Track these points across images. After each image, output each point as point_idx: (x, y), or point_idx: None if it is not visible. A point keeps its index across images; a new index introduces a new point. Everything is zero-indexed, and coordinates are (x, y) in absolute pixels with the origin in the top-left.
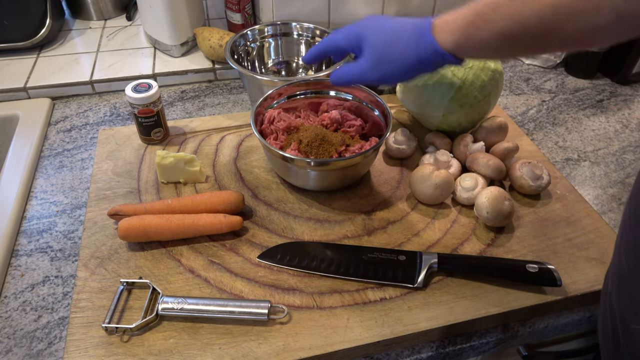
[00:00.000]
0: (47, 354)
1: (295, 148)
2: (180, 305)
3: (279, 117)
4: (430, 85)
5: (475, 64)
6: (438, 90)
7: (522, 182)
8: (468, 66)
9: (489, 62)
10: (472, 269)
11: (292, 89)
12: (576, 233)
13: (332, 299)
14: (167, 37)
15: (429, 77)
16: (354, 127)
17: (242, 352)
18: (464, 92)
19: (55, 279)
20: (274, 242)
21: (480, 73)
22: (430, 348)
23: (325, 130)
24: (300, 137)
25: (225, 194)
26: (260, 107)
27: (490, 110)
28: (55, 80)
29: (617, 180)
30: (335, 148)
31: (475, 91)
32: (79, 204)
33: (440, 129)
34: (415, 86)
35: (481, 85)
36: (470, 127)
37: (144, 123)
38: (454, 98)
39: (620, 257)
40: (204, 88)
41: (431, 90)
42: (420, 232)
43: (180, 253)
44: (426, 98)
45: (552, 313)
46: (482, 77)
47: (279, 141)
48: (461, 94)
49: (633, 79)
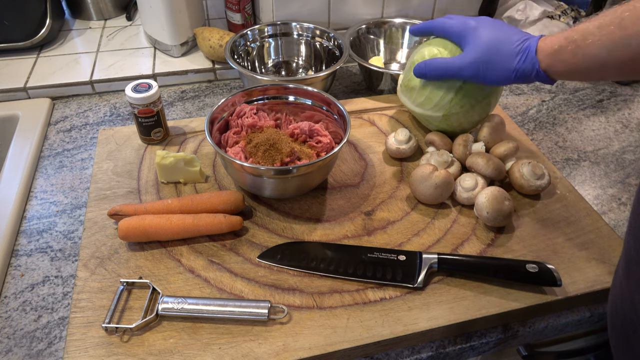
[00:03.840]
0: (47, 354)
1: (242, 147)
2: (180, 305)
3: (249, 113)
4: (431, 86)
5: None
6: (439, 91)
7: (522, 182)
8: None
9: None
10: (472, 269)
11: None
12: (576, 233)
13: (332, 299)
14: (167, 37)
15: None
16: (322, 143)
17: (242, 352)
18: (465, 93)
19: (55, 279)
20: (274, 242)
21: None
22: (430, 348)
23: (282, 137)
24: (253, 137)
25: (225, 194)
26: (223, 105)
27: (490, 110)
28: (55, 80)
29: (617, 180)
30: (281, 157)
31: (476, 92)
32: (79, 204)
33: (440, 129)
34: (415, 87)
35: (482, 86)
36: (471, 127)
37: (144, 123)
38: (454, 99)
39: (629, 241)
40: (204, 88)
41: (432, 91)
42: (420, 232)
43: (180, 253)
44: (427, 99)
45: (552, 313)
46: None
47: (239, 137)
48: (462, 95)
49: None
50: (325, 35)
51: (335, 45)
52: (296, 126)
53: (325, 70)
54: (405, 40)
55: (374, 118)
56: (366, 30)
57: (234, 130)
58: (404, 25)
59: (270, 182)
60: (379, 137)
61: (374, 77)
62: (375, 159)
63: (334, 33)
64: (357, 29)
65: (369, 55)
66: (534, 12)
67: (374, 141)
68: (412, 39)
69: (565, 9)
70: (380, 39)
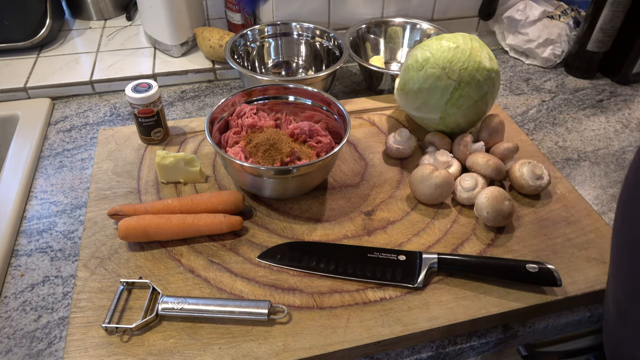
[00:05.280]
0: (47, 354)
1: (242, 147)
2: (180, 305)
3: (249, 113)
4: (426, 88)
5: (470, 64)
6: (434, 94)
7: (522, 182)
8: (463, 67)
9: (483, 62)
10: (472, 269)
11: (254, 92)
12: (576, 233)
13: (332, 299)
14: (167, 37)
15: (423, 80)
16: (322, 143)
17: (242, 352)
18: (460, 93)
19: (55, 279)
20: (274, 242)
21: (476, 73)
22: (430, 348)
23: (282, 137)
24: (253, 137)
25: (225, 194)
26: (223, 105)
27: (488, 109)
28: (55, 80)
29: (617, 180)
30: (281, 157)
31: (472, 92)
32: (79, 204)
33: (438, 129)
34: (411, 90)
35: (477, 85)
36: (469, 126)
37: (144, 123)
38: (450, 100)
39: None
40: (204, 88)
41: (427, 93)
42: (420, 232)
43: (180, 253)
44: (423, 101)
45: (552, 313)
46: (478, 77)
47: (239, 137)
48: (457, 96)
49: (633, 79)
50: (325, 35)
51: (335, 45)
52: (296, 126)
53: (325, 70)
54: (405, 40)
55: (374, 118)
56: (366, 30)
57: (234, 130)
58: (404, 25)
59: (270, 182)
60: (379, 137)
61: (374, 77)
62: (375, 159)
63: (334, 33)
64: (357, 29)
65: (369, 55)
66: (534, 12)
67: (374, 141)
68: (412, 39)
69: (565, 9)
70: (380, 38)
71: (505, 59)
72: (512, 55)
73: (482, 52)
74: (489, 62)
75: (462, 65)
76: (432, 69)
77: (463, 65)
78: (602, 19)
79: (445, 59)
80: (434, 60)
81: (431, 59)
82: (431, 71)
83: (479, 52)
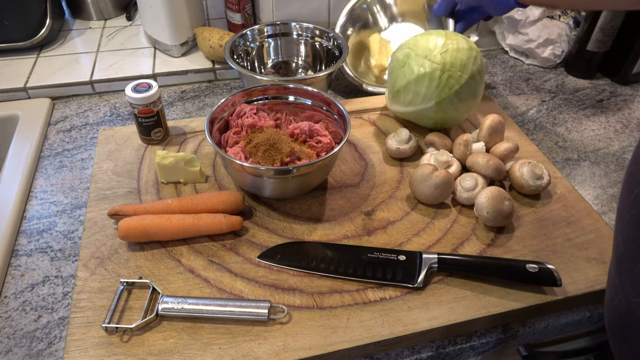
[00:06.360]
0: (47, 354)
1: (242, 147)
2: (180, 305)
3: (249, 113)
4: (414, 79)
5: (449, 46)
6: (422, 81)
7: (522, 182)
8: (443, 51)
9: (461, 43)
10: (472, 269)
11: (254, 92)
12: (576, 233)
13: (332, 299)
14: (167, 37)
15: (409, 72)
16: (322, 143)
17: (242, 352)
18: (448, 74)
19: (55, 279)
20: (274, 242)
21: (457, 54)
22: (430, 348)
23: (282, 137)
24: (253, 137)
25: (225, 194)
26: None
27: (481, 90)
28: (55, 80)
29: (617, 180)
30: (281, 157)
31: (458, 71)
32: (79, 204)
33: (438, 120)
34: (401, 87)
35: (462, 65)
36: (468, 112)
37: (144, 123)
38: (440, 83)
39: (618, 239)
40: (204, 88)
41: (415, 83)
42: (420, 232)
43: (180, 253)
44: (414, 92)
45: (552, 313)
46: (461, 57)
47: (239, 137)
48: (446, 77)
49: (633, 79)
50: (325, 35)
51: (335, 45)
52: (296, 126)
53: (325, 70)
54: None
55: (374, 118)
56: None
57: (234, 130)
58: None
59: (270, 182)
60: (379, 137)
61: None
62: (375, 159)
63: (333, 33)
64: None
65: (372, 28)
66: (534, 12)
67: (374, 141)
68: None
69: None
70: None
71: (505, 59)
72: (512, 55)
73: (457, 36)
74: (466, 42)
75: (441, 49)
76: (415, 60)
77: (442, 49)
78: (602, 19)
79: (424, 48)
80: (414, 54)
81: (411, 53)
82: (414, 62)
83: (454, 36)
